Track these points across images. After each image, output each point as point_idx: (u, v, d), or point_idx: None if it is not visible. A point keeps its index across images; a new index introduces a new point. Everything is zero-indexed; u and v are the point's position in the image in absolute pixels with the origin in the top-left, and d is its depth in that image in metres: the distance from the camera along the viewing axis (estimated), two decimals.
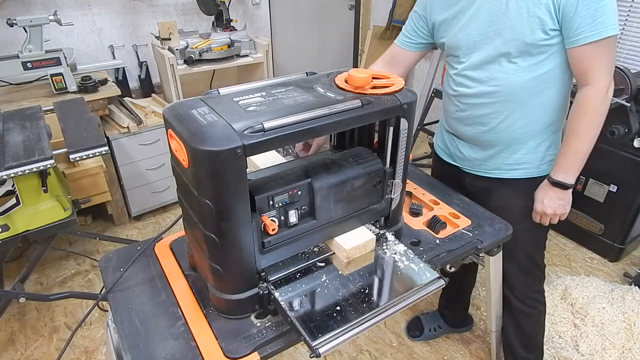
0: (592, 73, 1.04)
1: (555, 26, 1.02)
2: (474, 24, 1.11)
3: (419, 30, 1.28)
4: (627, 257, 2.31)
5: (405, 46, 1.32)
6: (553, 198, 1.17)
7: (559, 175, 1.14)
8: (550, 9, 1.00)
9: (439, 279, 0.89)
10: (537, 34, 1.03)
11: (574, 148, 1.10)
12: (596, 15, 0.97)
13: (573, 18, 0.99)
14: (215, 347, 0.82)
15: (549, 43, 1.05)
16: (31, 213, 1.57)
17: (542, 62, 1.08)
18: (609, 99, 1.06)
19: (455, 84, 1.22)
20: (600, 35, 0.99)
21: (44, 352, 1.79)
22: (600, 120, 1.08)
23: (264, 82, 0.91)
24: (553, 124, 1.18)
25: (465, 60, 1.17)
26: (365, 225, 1.01)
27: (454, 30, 1.17)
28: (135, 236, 2.48)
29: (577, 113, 1.09)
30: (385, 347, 1.81)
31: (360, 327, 0.79)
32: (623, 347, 1.73)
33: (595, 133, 1.08)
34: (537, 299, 1.41)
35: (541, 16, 1.01)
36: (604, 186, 2.17)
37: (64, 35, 2.54)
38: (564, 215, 1.20)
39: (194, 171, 0.73)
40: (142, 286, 0.97)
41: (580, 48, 1.02)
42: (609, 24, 0.98)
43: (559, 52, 1.06)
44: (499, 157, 1.23)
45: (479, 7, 1.10)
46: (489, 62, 1.12)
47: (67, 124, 1.66)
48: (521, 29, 1.04)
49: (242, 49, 2.71)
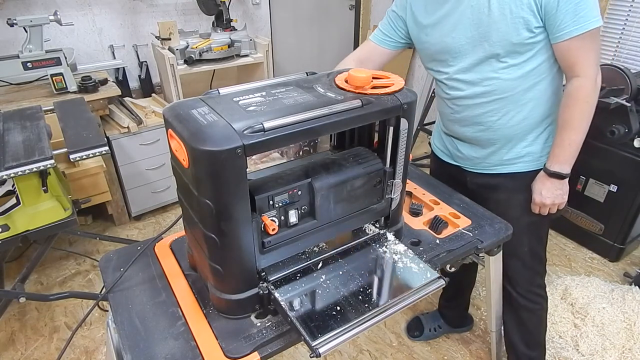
0: (579, 65, 1.06)
1: (539, 23, 1.04)
2: (459, 29, 1.12)
3: (397, 29, 1.29)
4: (627, 257, 2.31)
5: (383, 44, 1.33)
6: (551, 188, 1.19)
7: (555, 165, 1.16)
8: (533, 7, 1.02)
9: (439, 279, 0.89)
10: (522, 34, 1.05)
11: (568, 138, 1.12)
12: (577, 10, 1.00)
13: (555, 15, 1.01)
14: (216, 347, 0.82)
15: (535, 40, 1.06)
16: (31, 213, 1.57)
17: (531, 58, 1.09)
18: (598, 88, 1.09)
19: (448, 87, 1.22)
20: (583, 29, 1.01)
21: (44, 352, 1.79)
22: (591, 110, 1.10)
23: (264, 82, 0.90)
24: (549, 116, 1.20)
25: (454, 64, 1.17)
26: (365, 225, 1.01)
27: (438, 35, 1.17)
28: (135, 236, 2.48)
29: (568, 104, 1.11)
30: (385, 347, 1.81)
31: (360, 327, 0.79)
32: (623, 347, 1.73)
33: (587, 122, 1.11)
34: (540, 293, 1.42)
35: (525, 16, 1.03)
36: (604, 186, 2.17)
37: (64, 35, 2.54)
38: (562, 205, 1.22)
39: (194, 171, 0.73)
40: (142, 286, 0.97)
41: (565, 43, 1.04)
42: (591, 17, 1.00)
43: (545, 47, 1.08)
44: (499, 153, 1.24)
45: (462, 12, 1.11)
46: (479, 64, 1.13)
47: (67, 124, 1.66)
48: (506, 30, 1.05)
49: (242, 49, 2.71)
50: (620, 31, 2.43)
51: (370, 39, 1.35)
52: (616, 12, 2.43)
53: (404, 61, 3.69)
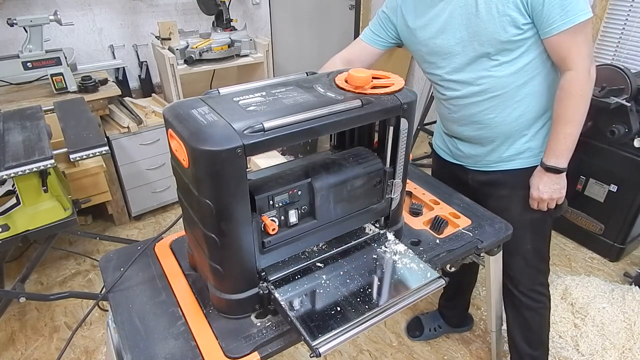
0: (571, 58, 1.06)
1: (527, 20, 1.04)
2: (448, 30, 1.13)
3: (387, 30, 1.30)
4: (627, 257, 2.31)
5: (373, 43, 1.33)
6: (548, 183, 1.18)
7: (551, 160, 1.15)
8: (519, 5, 1.02)
9: (439, 278, 0.89)
10: (510, 31, 1.05)
11: (563, 132, 1.12)
12: (564, 4, 0.99)
13: (542, 10, 1.01)
14: (216, 347, 0.82)
15: (524, 37, 1.06)
16: (31, 213, 1.57)
17: (523, 54, 1.09)
18: (592, 80, 1.08)
19: (443, 88, 1.23)
20: (572, 23, 1.00)
21: (44, 351, 1.79)
22: (586, 102, 1.09)
23: (264, 82, 0.90)
24: (547, 111, 1.19)
25: (445, 65, 1.18)
26: (365, 224, 1.01)
27: (428, 37, 1.17)
28: (135, 236, 2.48)
29: (562, 97, 1.10)
30: (386, 347, 1.81)
31: (360, 326, 0.79)
32: (623, 347, 1.73)
33: (582, 115, 1.10)
34: (542, 292, 1.41)
35: (511, 14, 1.03)
36: (604, 186, 2.17)
37: (64, 35, 2.54)
38: (560, 200, 1.21)
39: (194, 171, 0.73)
40: (142, 286, 0.97)
41: (555, 37, 1.04)
42: (579, 10, 1.00)
43: (537, 42, 1.08)
44: (499, 150, 1.24)
45: (451, 13, 1.11)
46: (471, 63, 1.13)
47: (67, 124, 1.66)
48: (494, 29, 1.05)
49: (242, 49, 2.71)
50: (620, 31, 2.43)
51: (360, 38, 1.36)
52: (616, 12, 2.43)
53: (404, 61, 3.68)
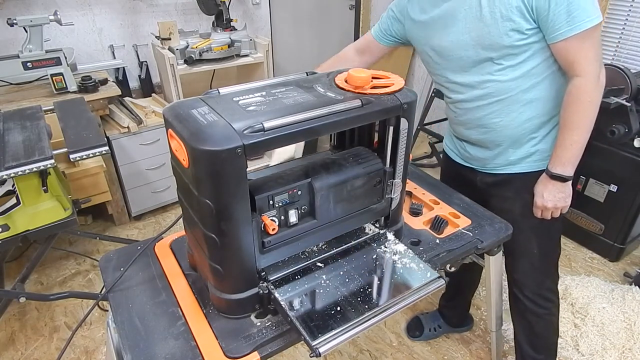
0: (579, 64, 1.03)
1: (531, 25, 1.02)
2: (452, 32, 1.11)
3: (393, 29, 1.30)
4: (627, 257, 2.31)
5: (380, 40, 1.35)
6: (552, 191, 1.15)
7: (557, 167, 1.12)
8: (523, 10, 1.00)
9: (439, 278, 0.89)
10: (512, 36, 1.03)
11: (570, 138, 1.09)
12: (570, 10, 0.97)
13: (547, 16, 0.99)
14: (216, 347, 0.82)
15: (528, 42, 1.04)
16: (31, 213, 1.57)
17: (528, 59, 1.07)
18: (601, 86, 1.05)
19: (449, 91, 1.22)
20: (578, 29, 0.98)
21: (44, 351, 1.79)
22: (594, 109, 1.06)
23: (264, 82, 0.90)
24: (556, 114, 1.16)
25: (449, 67, 1.17)
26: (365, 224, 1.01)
27: (431, 35, 1.17)
28: (135, 236, 2.48)
29: (569, 103, 1.07)
30: (385, 347, 1.81)
31: (360, 326, 0.79)
32: (623, 347, 1.73)
33: (590, 122, 1.07)
34: (550, 298, 1.37)
35: (515, 19, 1.01)
36: (604, 186, 2.17)
37: (64, 35, 2.54)
38: (565, 209, 1.18)
39: (194, 171, 0.73)
40: (142, 286, 0.97)
41: (561, 43, 1.02)
42: (586, 16, 0.97)
43: (543, 47, 1.06)
44: (506, 153, 1.22)
45: (455, 16, 1.10)
46: (475, 67, 1.12)
47: (67, 124, 1.66)
48: (497, 34, 1.04)
49: (242, 49, 2.71)
50: (620, 31, 2.43)
51: (370, 32, 1.38)
52: (616, 12, 2.42)
53: (404, 61, 3.69)
